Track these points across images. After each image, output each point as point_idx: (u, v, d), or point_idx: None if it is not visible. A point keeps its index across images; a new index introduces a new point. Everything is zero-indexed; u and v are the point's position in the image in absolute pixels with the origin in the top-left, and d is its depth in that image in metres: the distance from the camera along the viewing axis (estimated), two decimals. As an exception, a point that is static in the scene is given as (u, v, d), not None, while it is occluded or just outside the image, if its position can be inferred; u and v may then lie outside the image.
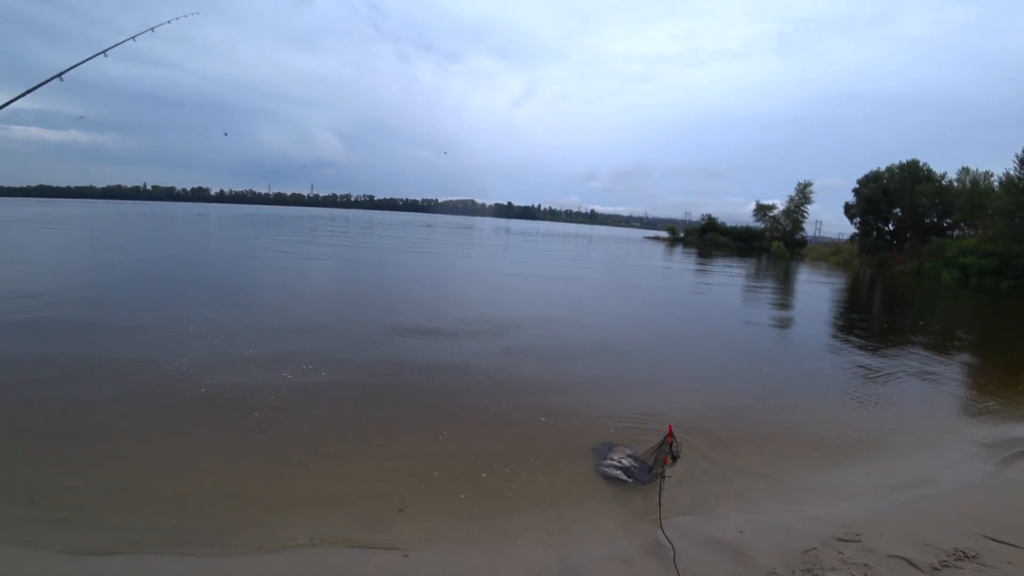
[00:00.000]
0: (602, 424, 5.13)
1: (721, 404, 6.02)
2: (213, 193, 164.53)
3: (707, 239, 56.21)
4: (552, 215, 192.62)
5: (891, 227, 41.22)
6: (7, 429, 4.36)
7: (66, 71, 5.43)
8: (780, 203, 52.36)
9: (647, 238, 69.03)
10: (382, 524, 3.34)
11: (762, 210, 53.93)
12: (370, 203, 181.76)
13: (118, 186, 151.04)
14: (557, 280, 18.04)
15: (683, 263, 30.81)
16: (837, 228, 57.52)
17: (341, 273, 16.67)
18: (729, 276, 24.12)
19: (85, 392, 5.19)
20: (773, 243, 50.14)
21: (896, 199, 39.25)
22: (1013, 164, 28.31)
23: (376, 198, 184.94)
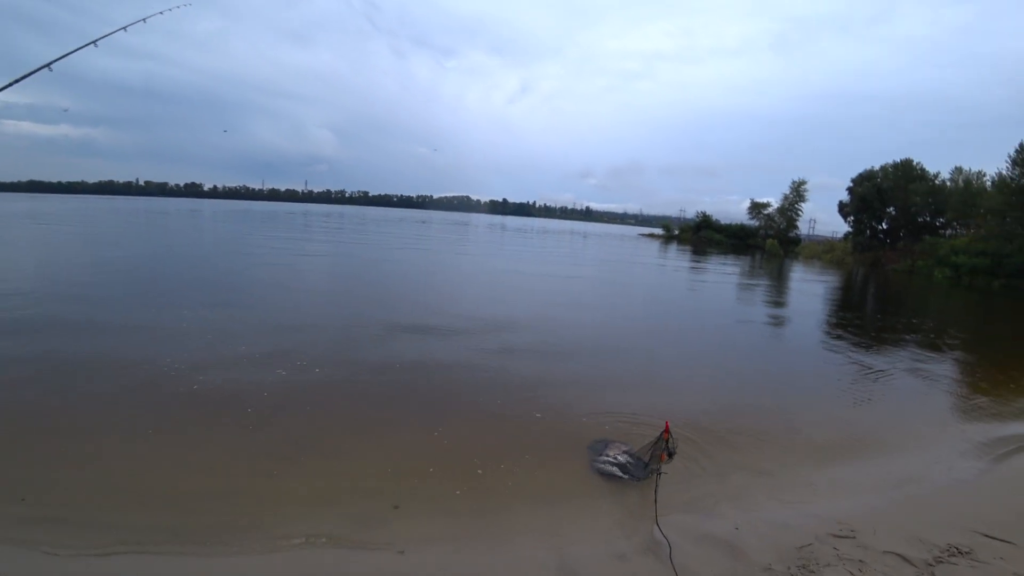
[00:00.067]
0: (598, 421, 5.12)
1: (717, 401, 6.03)
2: (206, 189, 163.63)
3: (701, 236, 56.38)
4: (547, 212, 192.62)
5: (884, 226, 41.45)
6: (-4, 426, 4.29)
7: (55, 61, 5.34)
8: (775, 201, 52.59)
9: (642, 235, 69.09)
10: (377, 521, 3.32)
11: (756, 208, 54.07)
12: (364, 199, 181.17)
13: (110, 181, 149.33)
14: (552, 277, 18.03)
15: (678, 260, 30.89)
16: (831, 226, 57.80)
17: (335, 270, 16.59)
18: (723, 274, 24.21)
19: (77, 389, 5.13)
20: (767, 241, 50.30)
21: (890, 198, 39.46)
22: (1006, 164, 28.52)
23: (371, 194, 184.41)
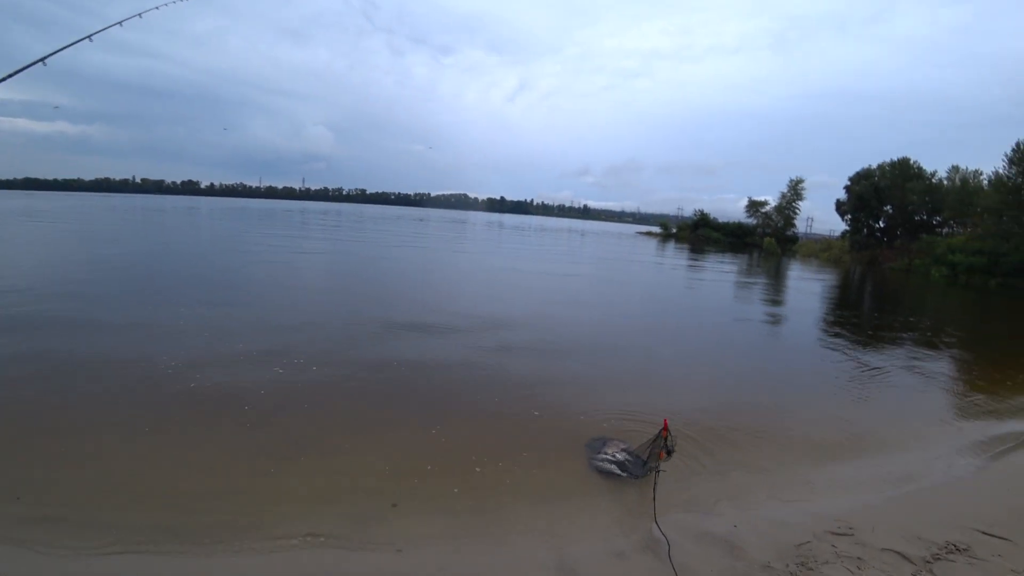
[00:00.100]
0: (596, 419, 5.12)
1: (715, 399, 6.04)
2: (203, 186, 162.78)
3: (699, 235, 56.42)
4: (545, 210, 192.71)
5: (882, 224, 41.54)
6: (-9, 424, 4.27)
7: (50, 55, 5.28)
8: (772, 200, 52.63)
9: (639, 233, 69.14)
10: (375, 520, 3.31)
11: (754, 206, 54.09)
12: (362, 197, 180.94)
13: (106, 179, 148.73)
14: (550, 275, 18.02)
15: (675, 258, 30.91)
16: (828, 225, 57.90)
17: (333, 268, 16.55)
18: (721, 272, 24.23)
19: (74, 388, 5.10)
20: (765, 239, 50.37)
21: (887, 197, 39.54)
22: (1002, 163, 28.61)
23: (368, 192, 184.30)
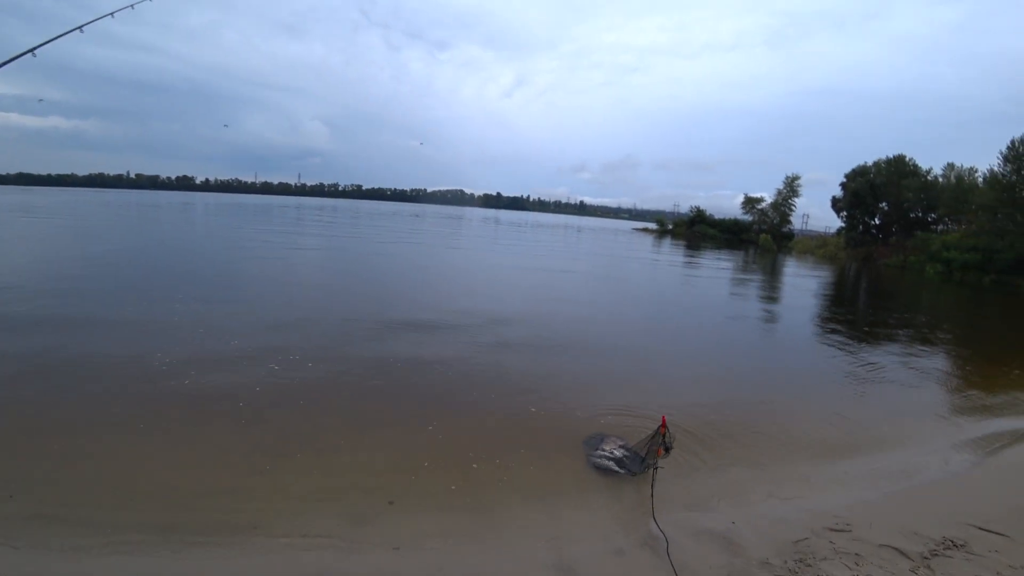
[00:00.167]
0: (593, 415, 5.11)
1: (713, 396, 6.04)
2: (199, 182, 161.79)
3: (695, 231, 56.44)
4: (541, 206, 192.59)
5: (877, 221, 41.71)
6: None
7: (39, 46, 5.18)
8: (768, 196, 52.69)
9: (635, 230, 69.14)
10: (372, 518, 3.29)
11: (750, 203, 54.13)
12: (358, 192, 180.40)
13: (100, 174, 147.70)
14: (547, 272, 17.99)
15: (672, 255, 30.91)
16: (824, 221, 58.43)
17: (329, 264, 16.46)
18: (718, 269, 24.26)
19: (68, 385, 5.05)
20: (761, 236, 50.46)
21: (882, 194, 39.70)
22: (997, 161, 28.74)
23: (364, 187, 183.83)
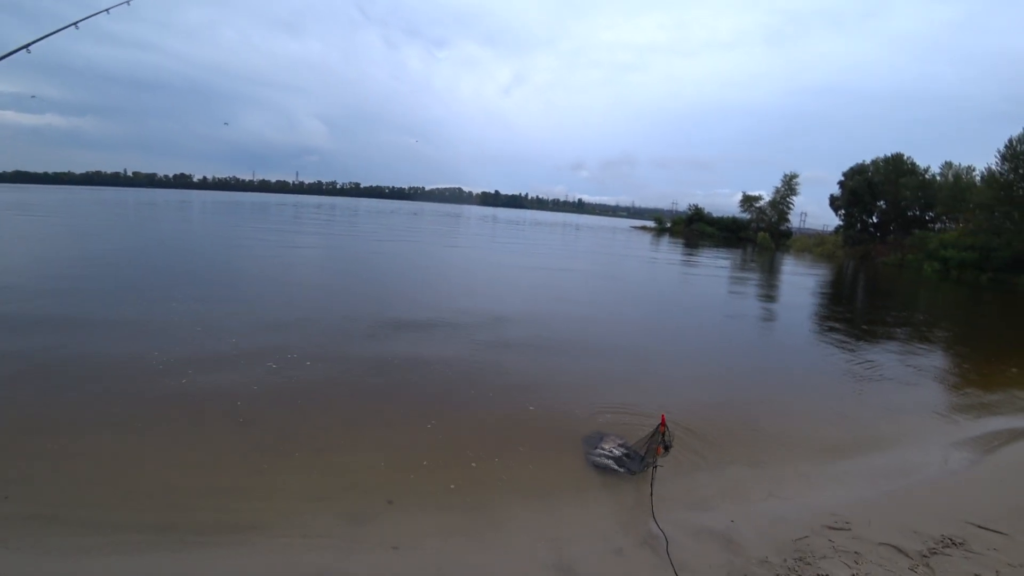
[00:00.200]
0: (593, 414, 5.09)
1: (713, 395, 6.04)
2: (196, 180, 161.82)
3: (693, 229, 56.55)
4: (539, 204, 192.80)
5: (875, 219, 41.86)
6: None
7: (34, 42, 5.14)
8: (766, 194, 52.80)
9: (634, 228, 69.27)
10: (371, 517, 3.27)
11: (748, 201, 54.26)
12: (356, 191, 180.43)
13: (97, 172, 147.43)
14: (545, 270, 17.98)
15: (670, 253, 30.93)
16: (822, 220, 58.42)
17: (327, 263, 16.43)
18: (716, 267, 24.28)
19: (63, 385, 5.00)
20: (759, 234, 50.58)
21: (880, 192, 39.82)
22: (995, 159, 28.82)
23: (362, 186, 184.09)
